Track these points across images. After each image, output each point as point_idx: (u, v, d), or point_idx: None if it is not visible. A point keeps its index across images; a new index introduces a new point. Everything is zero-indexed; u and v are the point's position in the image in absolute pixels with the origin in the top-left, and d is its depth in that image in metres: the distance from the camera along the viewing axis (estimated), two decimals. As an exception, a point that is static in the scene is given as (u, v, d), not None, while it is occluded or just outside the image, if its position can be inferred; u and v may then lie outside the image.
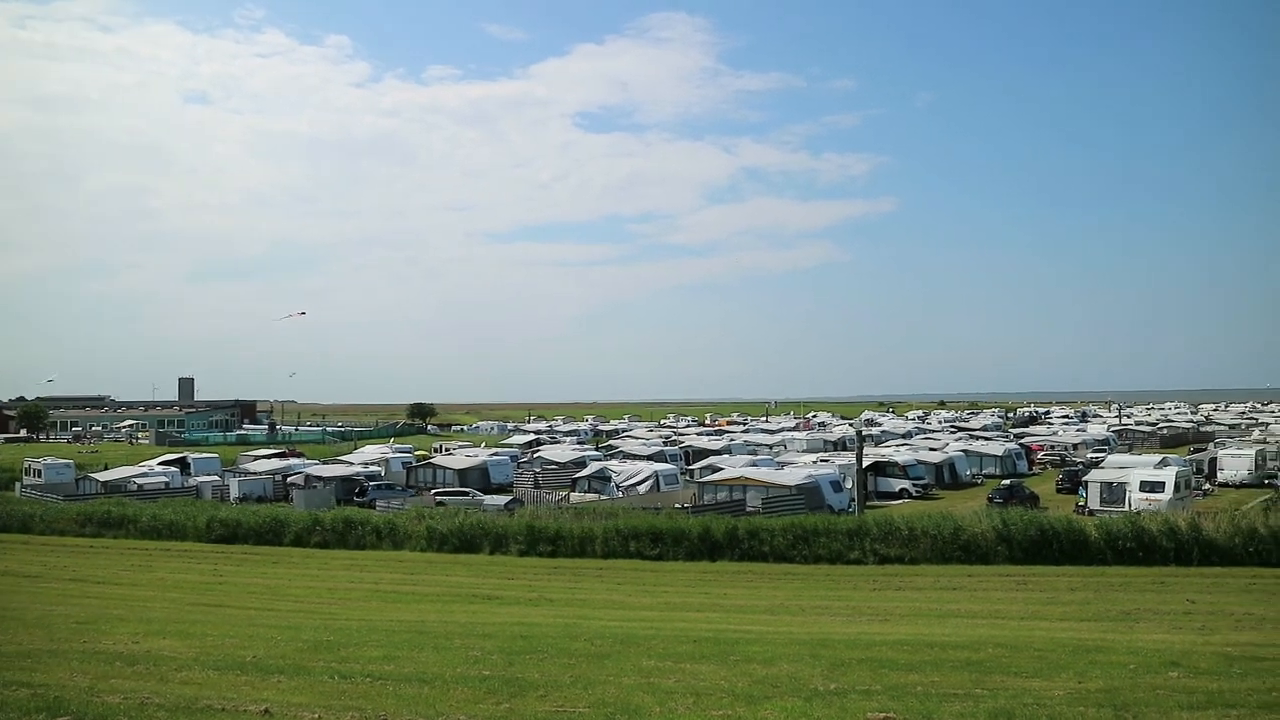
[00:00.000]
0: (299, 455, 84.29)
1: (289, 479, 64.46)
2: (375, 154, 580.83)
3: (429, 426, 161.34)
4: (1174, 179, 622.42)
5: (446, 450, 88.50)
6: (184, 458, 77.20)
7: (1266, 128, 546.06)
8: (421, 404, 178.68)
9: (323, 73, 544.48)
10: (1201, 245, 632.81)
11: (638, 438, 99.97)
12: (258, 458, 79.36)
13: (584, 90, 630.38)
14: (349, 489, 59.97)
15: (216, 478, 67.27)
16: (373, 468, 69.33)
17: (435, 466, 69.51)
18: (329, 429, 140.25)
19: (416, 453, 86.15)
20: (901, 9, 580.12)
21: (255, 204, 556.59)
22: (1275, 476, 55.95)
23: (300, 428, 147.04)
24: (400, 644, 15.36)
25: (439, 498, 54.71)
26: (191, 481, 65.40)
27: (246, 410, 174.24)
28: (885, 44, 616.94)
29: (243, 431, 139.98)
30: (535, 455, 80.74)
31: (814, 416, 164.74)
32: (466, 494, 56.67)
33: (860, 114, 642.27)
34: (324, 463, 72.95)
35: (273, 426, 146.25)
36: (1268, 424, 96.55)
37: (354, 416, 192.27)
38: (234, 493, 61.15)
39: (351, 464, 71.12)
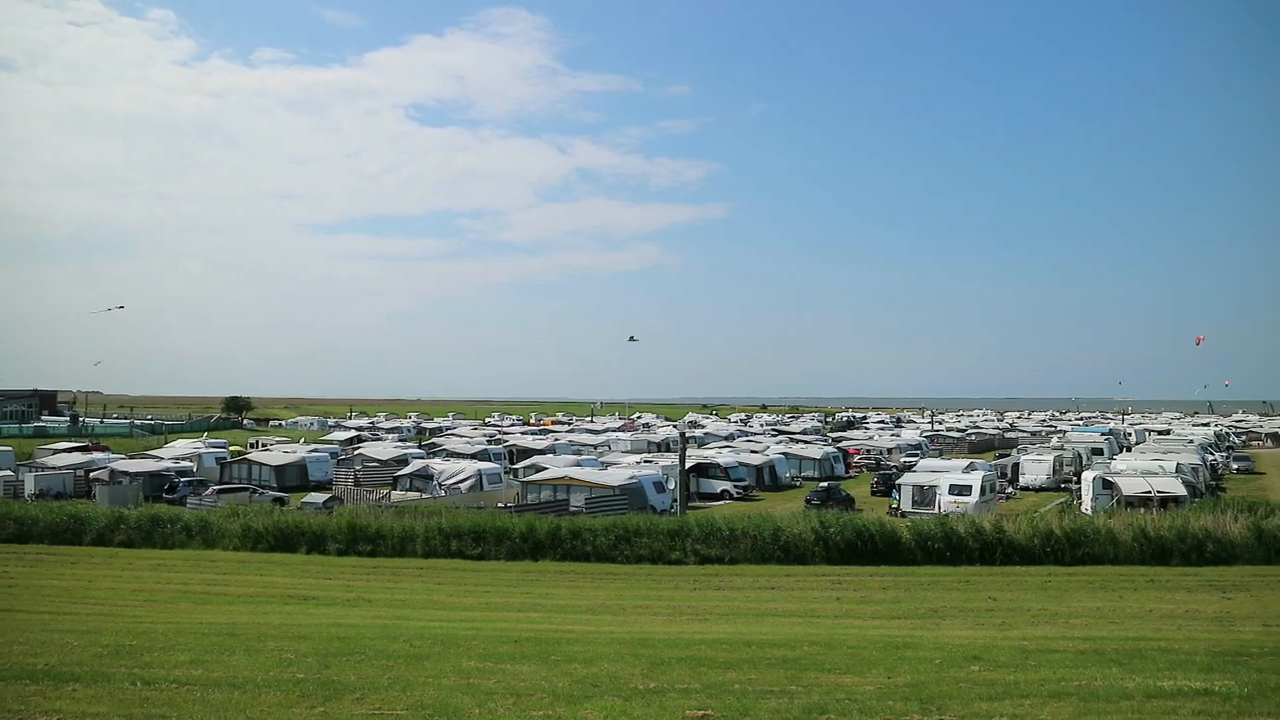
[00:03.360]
0: (103, 449, 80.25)
1: (92, 474, 61.12)
2: (197, 136, 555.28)
3: (245, 421, 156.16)
4: (989, 197, 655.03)
5: (263, 446, 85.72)
6: (-28, 451, 72.39)
7: (1095, 147, 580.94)
8: (238, 397, 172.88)
9: (144, 47, 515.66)
10: (1012, 265, 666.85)
11: (461, 436, 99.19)
12: (57, 451, 75.06)
13: (419, 82, 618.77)
14: (158, 485, 57.35)
15: (9, 472, 63.06)
16: (184, 463, 66.53)
17: (251, 463, 67.22)
18: (137, 422, 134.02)
19: (231, 448, 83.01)
20: (738, 19, 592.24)
21: (62, 182, 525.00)
22: (1070, 481, 59.35)
23: (106, 420, 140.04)
24: (209, 647, 14.78)
25: (221, 492, 52.75)
26: (-20, 476, 61.30)
27: (46, 401, 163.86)
28: (721, 53, 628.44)
29: (41, 423, 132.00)
30: (356, 452, 79.10)
31: (638, 417, 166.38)
32: (246, 490, 54.83)
33: (694, 120, 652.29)
34: (131, 457, 69.55)
35: (75, 418, 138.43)
36: (1065, 431, 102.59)
37: (165, 409, 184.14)
38: (29, 488, 57.46)
39: (161, 459, 68.05)
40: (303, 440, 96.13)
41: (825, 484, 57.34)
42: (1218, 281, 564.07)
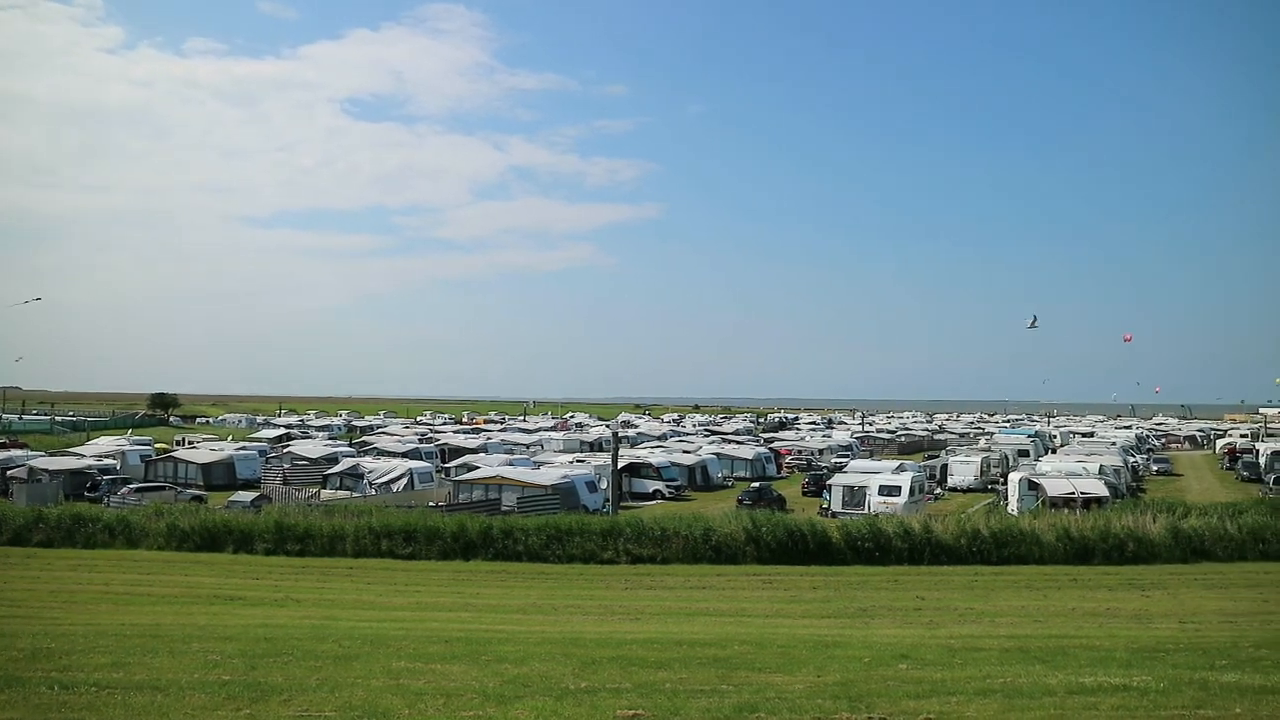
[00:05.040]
0: (22, 446, 78.26)
1: (9, 472, 59.63)
2: (126, 126, 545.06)
3: (171, 418, 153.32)
4: (924, 201, 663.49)
5: (190, 444, 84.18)
6: (-119, 449, 70.25)
7: (1030, 152, 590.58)
8: (164, 394, 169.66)
9: (69, 34, 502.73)
10: (948, 268, 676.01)
11: (393, 434, 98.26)
12: (-28, 449, 73.14)
13: (355, 76, 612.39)
14: (79, 484, 56.08)
15: (-78, 470, 61.38)
16: (107, 461, 65.08)
17: (177, 460, 66.09)
18: (59, 418, 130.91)
19: (156, 445, 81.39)
20: (676, 20, 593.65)
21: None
22: (997, 482, 60.35)
23: (25, 417, 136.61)
24: (132, 649, 14.47)
25: (139, 490, 51.79)
26: (-111, 475, 59.45)
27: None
28: (659, 53, 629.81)
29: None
30: (285, 450, 77.99)
31: (571, 417, 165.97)
32: (164, 488, 53.93)
33: (631, 120, 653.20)
34: (51, 455, 67.87)
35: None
36: (993, 433, 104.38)
37: (88, 405, 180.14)
38: (-57, 487, 56.03)
39: (83, 457, 66.54)
40: (230, 438, 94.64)
41: (757, 484, 57.61)
42: (1143, 290, 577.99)
